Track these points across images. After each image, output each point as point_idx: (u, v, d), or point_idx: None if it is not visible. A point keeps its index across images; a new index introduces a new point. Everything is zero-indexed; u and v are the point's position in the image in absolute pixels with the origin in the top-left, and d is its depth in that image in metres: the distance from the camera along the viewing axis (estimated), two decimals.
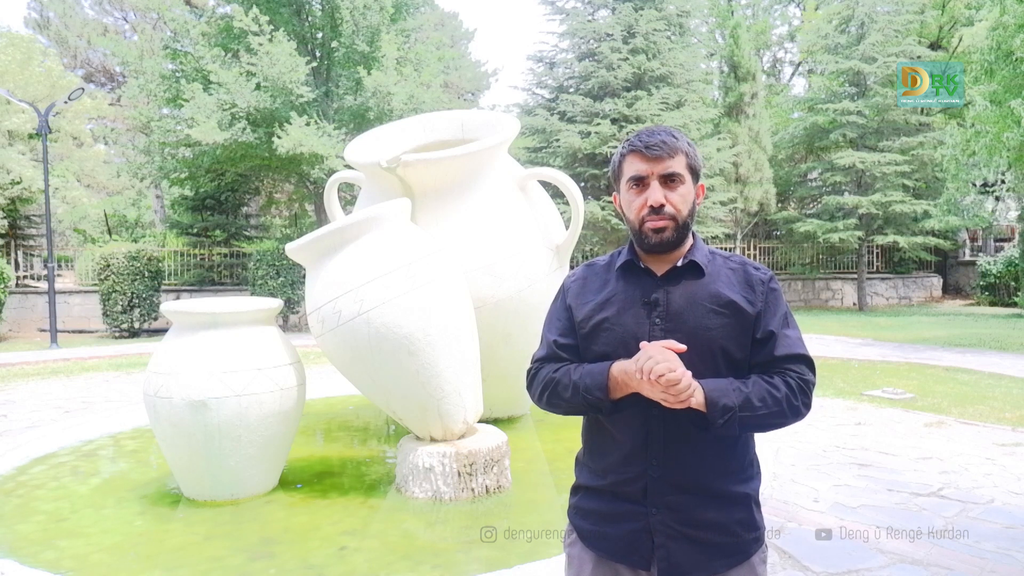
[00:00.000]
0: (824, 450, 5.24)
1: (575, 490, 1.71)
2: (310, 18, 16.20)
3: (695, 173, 1.60)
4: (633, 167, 1.58)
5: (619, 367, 1.49)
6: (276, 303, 4.52)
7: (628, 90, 17.28)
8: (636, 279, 1.61)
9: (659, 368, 1.39)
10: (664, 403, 1.44)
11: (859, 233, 18.38)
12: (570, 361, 1.63)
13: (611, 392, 1.50)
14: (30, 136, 18.19)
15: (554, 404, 1.62)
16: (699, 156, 1.62)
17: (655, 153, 1.54)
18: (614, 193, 1.69)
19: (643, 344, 1.46)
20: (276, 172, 16.63)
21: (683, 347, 1.44)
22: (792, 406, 1.51)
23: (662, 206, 1.54)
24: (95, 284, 15.44)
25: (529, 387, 1.69)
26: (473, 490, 4.13)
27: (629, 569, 1.57)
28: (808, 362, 1.57)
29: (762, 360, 1.56)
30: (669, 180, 1.56)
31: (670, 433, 1.53)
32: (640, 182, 1.57)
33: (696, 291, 1.56)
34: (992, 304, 19.24)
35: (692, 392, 1.41)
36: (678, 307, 1.55)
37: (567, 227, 5.93)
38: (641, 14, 17.21)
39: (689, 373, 1.41)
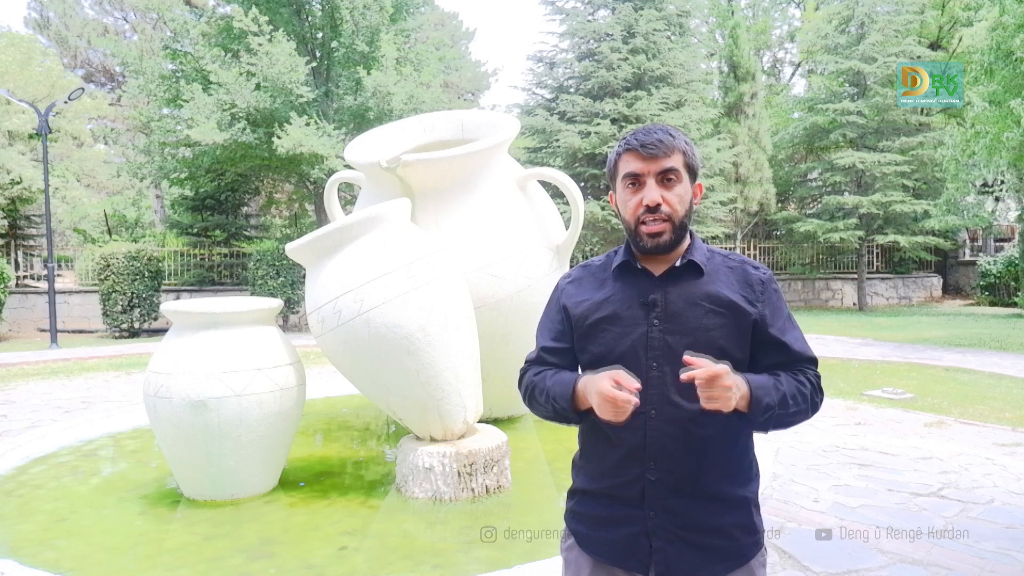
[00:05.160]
0: (824, 450, 5.24)
1: (572, 494, 1.69)
2: (310, 18, 16.20)
3: (693, 172, 1.57)
4: (629, 165, 1.55)
5: (583, 381, 1.53)
6: (276, 303, 4.52)
7: (628, 90, 17.28)
8: (633, 279, 1.59)
9: (700, 373, 1.36)
10: (610, 418, 1.42)
11: (859, 233, 18.38)
12: (556, 366, 1.66)
13: (576, 403, 1.54)
14: (30, 136, 18.20)
15: (534, 407, 1.67)
16: (697, 154, 1.60)
17: (651, 152, 1.52)
18: (610, 192, 1.67)
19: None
20: (276, 172, 16.64)
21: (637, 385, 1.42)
22: (814, 403, 1.56)
23: (658, 205, 1.52)
24: (95, 284, 15.45)
25: (520, 388, 1.72)
26: (473, 490, 4.13)
27: (626, 573, 1.56)
28: (816, 363, 1.61)
29: (776, 362, 1.57)
30: (666, 179, 1.53)
31: (668, 436, 1.51)
32: (636, 180, 1.54)
33: (695, 291, 1.54)
34: (992, 304, 19.24)
35: (628, 410, 1.39)
36: (677, 307, 1.53)
37: (567, 227, 5.93)
38: (641, 14, 17.21)
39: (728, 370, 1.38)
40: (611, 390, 1.39)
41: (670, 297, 1.55)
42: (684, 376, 1.37)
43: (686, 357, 1.38)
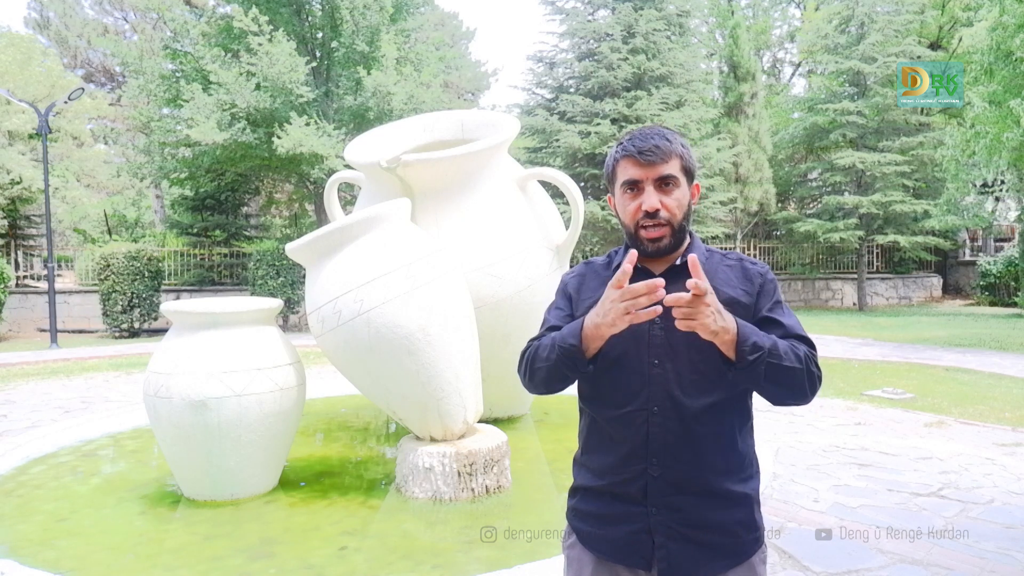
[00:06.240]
0: (824, 450, 5.24)
1: (573, 491, 1.69)
2: (310, 18, 16.20)
3: (690, 174, 1.59)
4: (627, 172, 1.57)
5: (591, 312, 1.47)
6: (276, 303, 4.52)
7: (628, 90, 17.27)
8: (634, 279, 1.59)
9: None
10: (628, 317, 1.37)
11: (859, 233, 18.38)
12: None
13: (584, 341, 1.47)
14: (30, 136, 18.20)
15: (534, 370, 1.59)
16: (693, 156, 1.62)
17: (648, 159, 1.53)
18: (608, 195, 1.69)
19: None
20: (276, 172, 16.64)
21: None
22: (810, 371, 1.49)
23: (657, 211, 1.53)
24: (95, 284, 15.45)
25: (519, 366, 1.67)
26: (473, 490, 4.13)
27: (629, 570, 1.56)
28: (810, 342, 1.56)
29: None
30: (664, 184, 1.55)
31: (670, 433, 1.52)
32: (634, 186, 1.56)
33: None
34: (992, 304, 19.24)
35: (652, 293, 1.34)
36: None
37: (567, 227, 5.93)
38: (641, 14, 17.21)
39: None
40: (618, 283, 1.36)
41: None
42: (667, 300, 1.34)
43: (689, 283, 1.34)
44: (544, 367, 1.55)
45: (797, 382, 1.47)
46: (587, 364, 1.49)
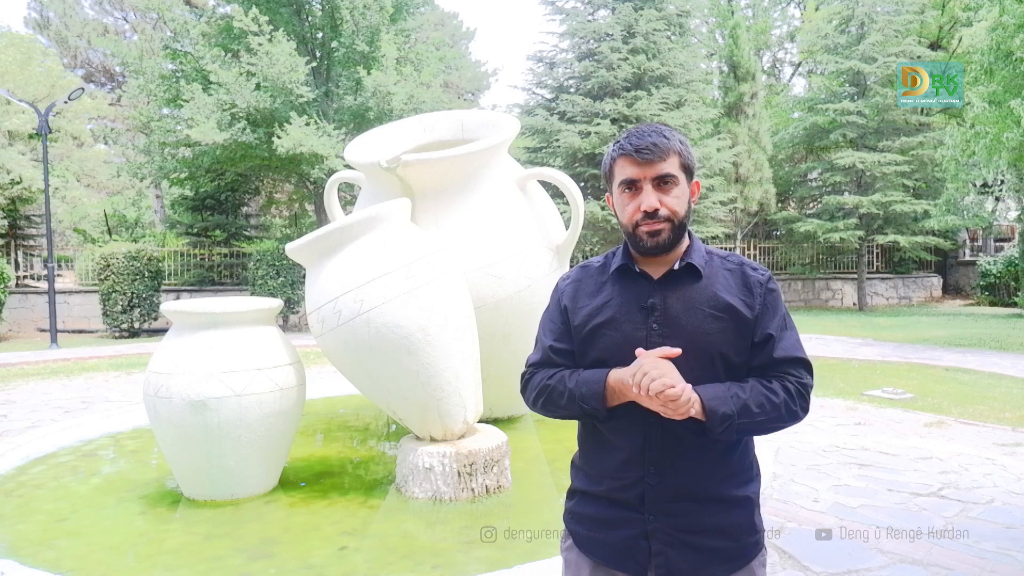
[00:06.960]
0: (824, 450, 5.24)
1: (571, 494, 1.68)
2: (310, 18, 16.21)
3: (689, 172, 1.55)
4: (624, 171, 1.53)
5: (616, 376, 1.47)
6: (276, 303, 4.52)
7: (628, 90, 17.27)
8: (632, 283, 1.57)
9: (656, 385, 1.37)
10: (663, 414, 1.43)
11: (859, 233, 18.37)
12: (565, 366, 1.61)
13: (608, 401, 1.49)
14: (30, 136, 18.20)
15: (549, 410, 1.61)
16: (692, 153, 1.57)
17: (646, 157, 1.50)
18: (607, 193, 1.65)
19: (639, 352, 1.45)
20: (276, 172, 16.64)
21: (678, 351, 1.43)
22: (790, 411, 1.50)
23: (656, 210, 1.50)
24: (95, 284, 15.45)
25: (523, 391, 1.67)
26: (473, 490, 4.13)
27: (626, 575, 1.55)
28: (806, 365, 1.55)
29: (760, 363, 1.54)
30: (662, 182, 1.51)
31: (668, 439, 1.51)
32: (632, 186, 1.53)
33: (693, 295, 1.53)
34: (992, 304, 19.23)
35: (691, 405, 1.40)
36: (675, 312, 1.52)
37: (567, 227, 5.93)
38: (641, 14, 17.21)
39: (688, 387, 1.40)
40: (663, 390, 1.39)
41: (669, 301, 1.53)
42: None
43: (667, 351, 1.44)
44: (561, 411, 1.60)
45: (775, 426, 1.52)
46: (608, 417, 1.53)
